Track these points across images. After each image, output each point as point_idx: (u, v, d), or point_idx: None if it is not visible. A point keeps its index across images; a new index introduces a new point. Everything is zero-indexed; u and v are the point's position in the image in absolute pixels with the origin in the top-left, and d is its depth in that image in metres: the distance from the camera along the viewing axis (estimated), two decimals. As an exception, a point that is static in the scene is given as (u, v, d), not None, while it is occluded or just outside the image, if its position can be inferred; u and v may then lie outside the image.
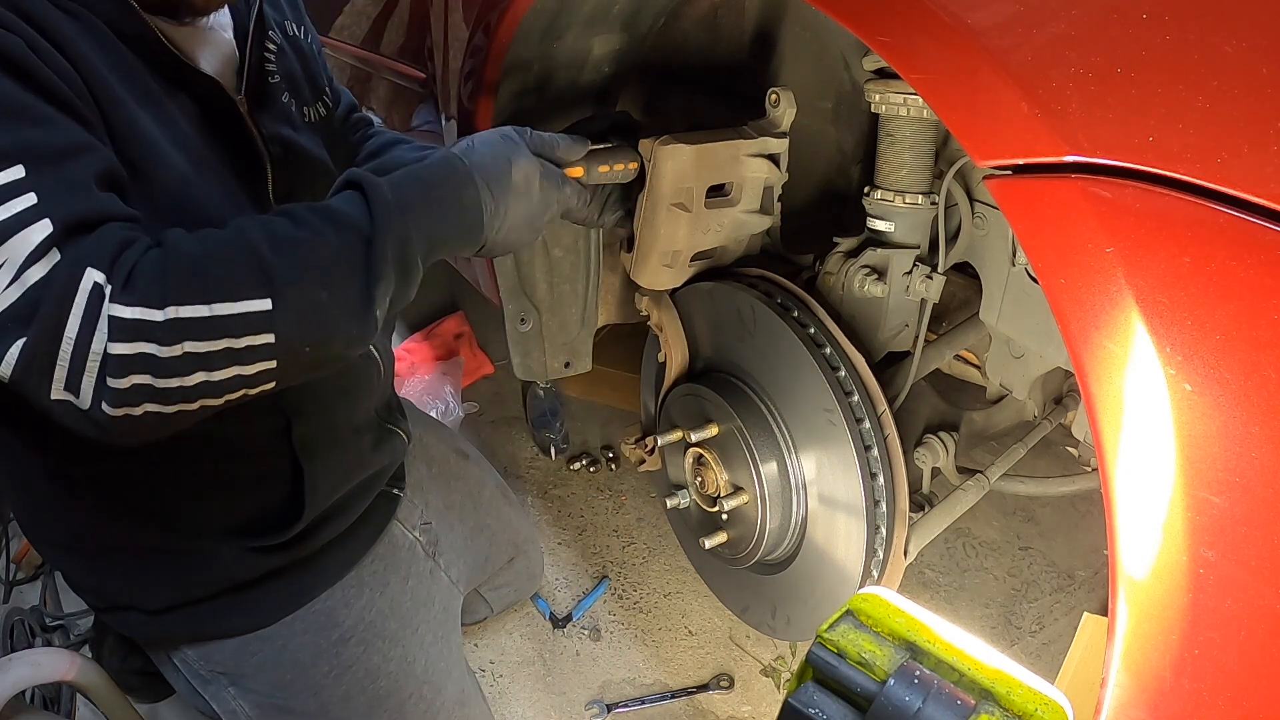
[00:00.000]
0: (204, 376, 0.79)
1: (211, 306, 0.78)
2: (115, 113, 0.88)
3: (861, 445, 1.12)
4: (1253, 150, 0.56)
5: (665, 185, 1.15)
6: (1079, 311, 0.61)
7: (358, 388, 1.21)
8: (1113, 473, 0.60)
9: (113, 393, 0.75)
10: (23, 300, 0.74)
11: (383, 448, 1.29)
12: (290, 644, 1.19)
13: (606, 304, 1.53)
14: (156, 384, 0.77)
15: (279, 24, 1.17)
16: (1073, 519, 2.14)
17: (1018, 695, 0.51)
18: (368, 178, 0.90)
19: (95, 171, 0.81)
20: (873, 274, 1.20)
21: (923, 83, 0.74)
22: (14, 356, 0.74)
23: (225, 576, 1.13)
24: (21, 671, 1.13)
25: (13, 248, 0.74)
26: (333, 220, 0.86)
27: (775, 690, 1.75)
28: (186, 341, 0.77)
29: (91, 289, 0.74)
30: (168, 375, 0.77)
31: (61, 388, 0.75)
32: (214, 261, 0.80)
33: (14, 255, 0.74)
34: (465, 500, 1.56)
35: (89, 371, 0.74)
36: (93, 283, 0.75)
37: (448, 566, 1.44)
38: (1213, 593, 0.55)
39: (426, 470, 1.51)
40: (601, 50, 1.39)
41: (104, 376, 0.75)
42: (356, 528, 1.26)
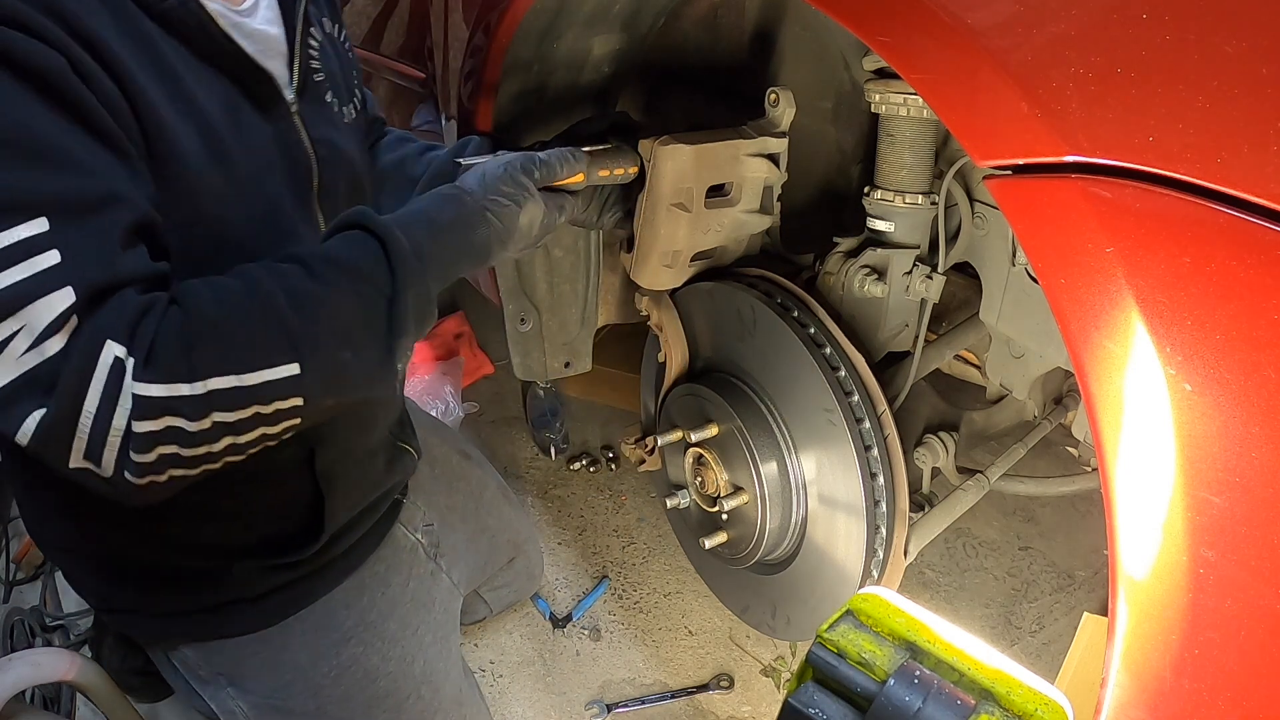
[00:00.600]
0: (231, 440, 0.78)
1: (241, 377, 0.76)
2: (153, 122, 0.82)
3: (861, 445, 1.12)
4: (1253, 150, 0.56)
5: (665, 185, 1.15)
6: (1079, 311, 0.61)
7: (376, 412, 1.21)
8: (1113, 473, 0.60)
9: (137, 465, 0.74)
10: (41, 370, 0.72)
11: (395, 466, 1.29)
12: (290, 645, 1.18)
13: (606, 304, 1.53)
14: (183, 453, 0.76)
15: (319, 20, 1.12)
16: (1073, 519, 2.14)
17: (1018, 695, 0.51)
18: (382, 226, 0.87)
19: (125, 226, 0.77)
20: (873, 274, 1.20)
21: (923, 83, 0.74)
22: (32, 427, 0.72)
23: (236, 591, 1.13)
24: (21, 671, 1.13)
25: (33, 314, 0.71)
26: (351, 275, 0.84)
27: (775, 690, 1.75)
28: (215, 413, 0.76)
29: (112, 364, 0.72)
30: (195, 445, 0.76)
31: (81, 458, 0.74)
32: (238, 326, 0.77)
33: (34, 322, 0.71)
34: (467, 501, 1.56)
35: (110, 446, 0.73)
36: (113, 357, 0.72)
37: (449, 568, 1.44)
38: (1213, 593, 0.55)
39: (429, 471, 1.50)
40: (601, 50, 1.39)
41: (127, 450, 0.74)
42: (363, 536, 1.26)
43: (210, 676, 1.19)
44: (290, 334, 0.79)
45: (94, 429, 0.72)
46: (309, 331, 0.80)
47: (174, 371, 0.74)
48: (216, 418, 0.76)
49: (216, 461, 0.79)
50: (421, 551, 1.39)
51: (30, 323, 0.71)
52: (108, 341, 0.72)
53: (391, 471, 1.28)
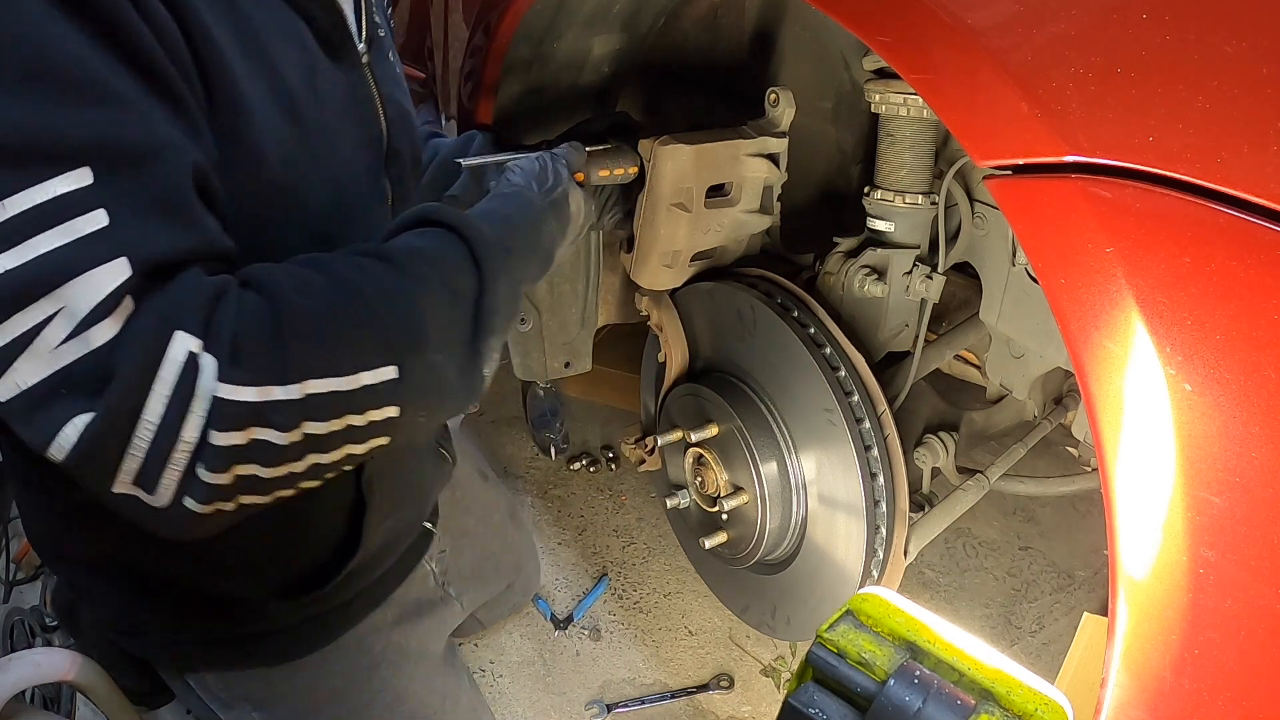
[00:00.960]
0: (315, 459, 0.65)
1: (339, 380, 0.64)
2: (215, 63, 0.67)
3: (861, 445, 1.12)
4: (1253, 150, 0.56)
5: (665, 185, 1.15)
6: (1079, 311, 0.61)
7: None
8: (1113, 473, 0.60)
9: (207, 489, 0.61)
10: (85, 365, 0.57)
11: (435, 472, 1.24)
12: (324, 671, 1.11)
13: (606, 304, 1.53)
14: (263, 474, 0.63)
15: None
16: (1073, 519, 2.14)
17: (1018, 695, 0.51)
18: (462, 220, 0.77)
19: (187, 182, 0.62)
20: (873, 274, 1.20)
21: (923, 83, 0.74)
22: (73, 438, 0.57)
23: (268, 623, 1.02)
24: (21, 671, 1.13)
25: (74, 293, 0.56)
26: (439, 269, 0.73)
27: (775, 690, 1.75)
28: (307, 423, 0.63)
29: (185, 361, 0.58)
30: (278, 464, 0.63)
31: (130, 481, 0.59)
32: (330, 321, 0.65)
33: (75, 303, 0.56)
34: (478, 525, 1.51)
35: (174, 464, 0.59)
36: (185, 352, 0.58)
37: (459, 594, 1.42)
38: (1213, 593, 0.55)
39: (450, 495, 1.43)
40: (601, 50, 1.39)
41: (194, 469, 0.60)
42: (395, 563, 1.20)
43: (233, 701, 1.12)
44: (386, 334, 0.67)
45: (156, 442, 0.58)
46: (403, 332, 0.68)
47: (268, 370, 0.61)
48: (308, 429, 0.63)
49: (293, 486, 0.67)
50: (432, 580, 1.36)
51: (70, 304, 0.56)
52: (177, 332, 0.58)
53: (430, 479, 1.21)
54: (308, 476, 0.67)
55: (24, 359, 0.56)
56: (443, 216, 0.77)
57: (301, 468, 0.65)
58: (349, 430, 0.66)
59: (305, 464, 0.65)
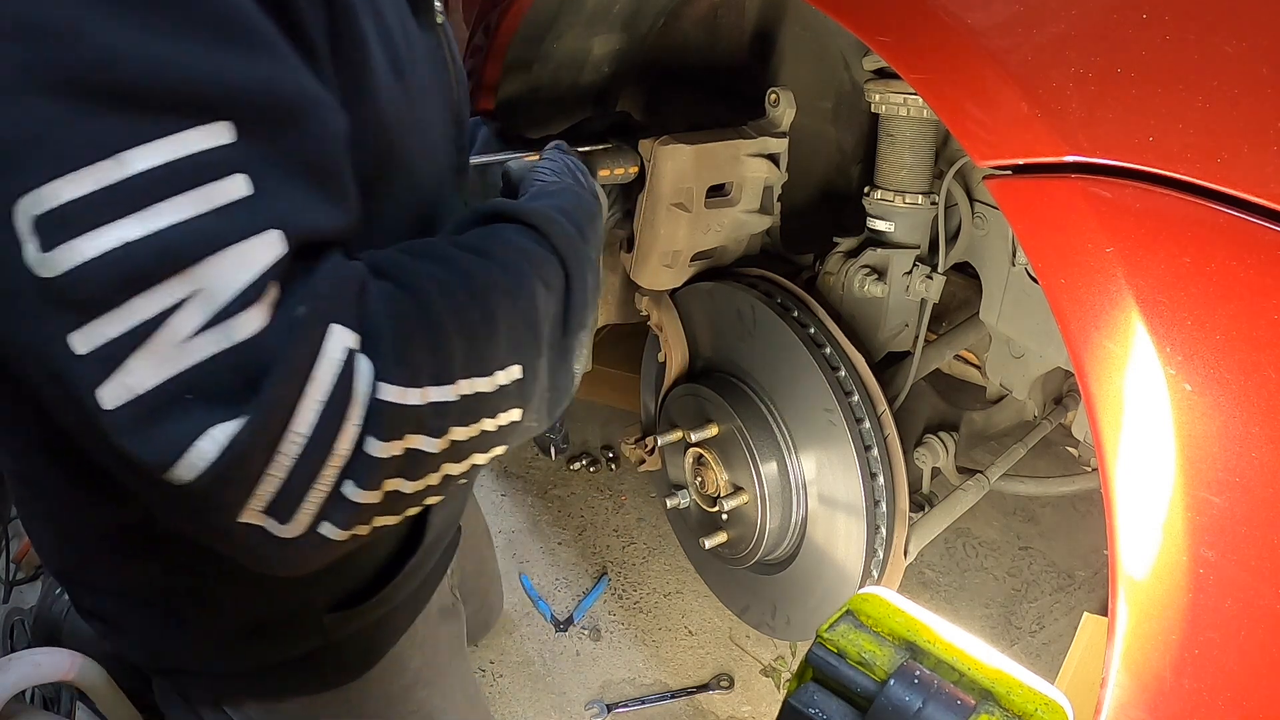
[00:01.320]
0: (448, 469, 0.59)
1: (487, 379, 0.58)
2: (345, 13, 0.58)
3: (861, 445, 1.12)
4: (1253, 150, 0.56)
5: (665, 185, 1.15)
6: (1079, 311, 0.61)
7: None
8: (1113, 473, 0.60)
9: (351, 509, 0.52)
10: (225, 364, 0.46)
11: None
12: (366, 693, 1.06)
13: (606, 304, 1.53)
14: (405, 488, 0.55)
15: None
16: (1073, 519, 2.14)
17: (1018, 695, 0.51)
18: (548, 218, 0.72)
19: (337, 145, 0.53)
20: (873, 274, 1.20)
21: (923, 83, 0.74)
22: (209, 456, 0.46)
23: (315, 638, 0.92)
24: (22, 671, 1.13)
25: (214, 274, 0.45)
26: (535, 266, 0.68)
27: (775, 690, 1.75)
28: (454, 428, 0.57)
29: (344, 360, 0.49)
30: (421, 477, 0.56)
31: (261, 508, 0.49)
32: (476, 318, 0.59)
33: (214, 286, 0.45)
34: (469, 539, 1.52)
35: (320, 482, 0.49)
36: (344, 349, 0.49)
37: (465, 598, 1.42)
38: (1213, 593, 0.55)
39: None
40: (601, 50, 1.39)
41: (341, 487, 0.51)
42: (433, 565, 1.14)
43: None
44: (513, 331, 0.61)
45: (304, 458, 0.48)
46: (525, 329, 0.63)
47: (427, 370, 0.54)
48: (455, 434, 0.57)
49: (421, 503, 0.59)
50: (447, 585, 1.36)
51: (209, 287, 0.45)
52: (333, 325, 0.49)
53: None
54: (437, 491, 0.60)
55: (141, 355, 0.44)
56: (519, 212, 0.71)
57: (437, 479, 0.58)
58: (482, 436, 0.60)
59: (440, 475, 0.58)
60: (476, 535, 1.54)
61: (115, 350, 0.44)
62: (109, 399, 0.45)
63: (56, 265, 0.43)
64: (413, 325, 0.54)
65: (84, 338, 0.44)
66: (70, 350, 0.44)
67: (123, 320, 0.44)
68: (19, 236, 0.42)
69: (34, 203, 0.42)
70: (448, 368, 0.55)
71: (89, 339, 0.44)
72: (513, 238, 0.69)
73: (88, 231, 0.43)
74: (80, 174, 0.43)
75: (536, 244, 0.70)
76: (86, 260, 0.43)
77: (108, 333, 0.44)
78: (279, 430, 0.47)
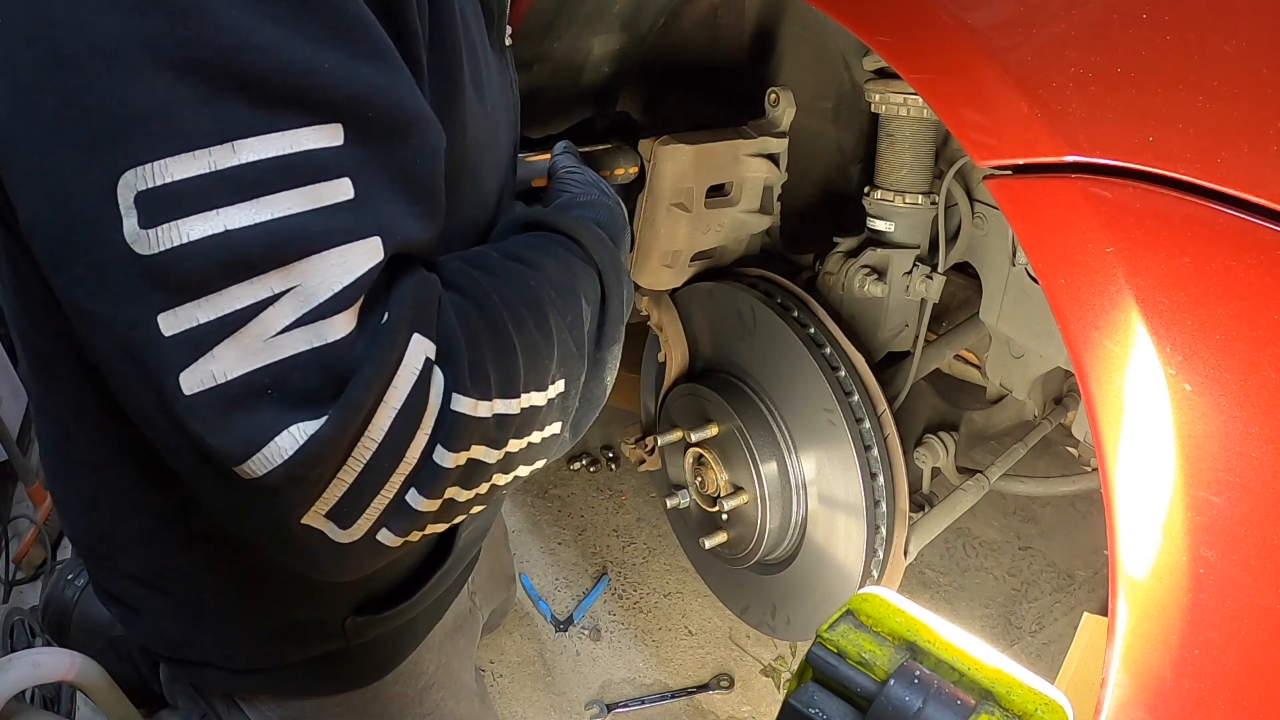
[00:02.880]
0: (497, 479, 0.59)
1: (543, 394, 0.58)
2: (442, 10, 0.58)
3: (861, 445, 1.12)
4: (1253, 150, 0.56)
5: (665, 185, 1.15)
6: (1079, 311, 0.61)
7: None
8: (1113, 473, 0.60)
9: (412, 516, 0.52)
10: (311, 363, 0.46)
11: None
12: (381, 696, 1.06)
13: (606, 304, 1.53)
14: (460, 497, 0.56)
15: None
16: (1073, 519, 2.14)
17: (1018, 695, 0.51)
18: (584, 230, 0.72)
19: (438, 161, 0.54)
20: (873, 274, 1.20)
21: (923, 83, 0.74)
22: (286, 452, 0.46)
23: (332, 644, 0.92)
24: (22, 671, 1.13)
25: (314, 271, 0.45)
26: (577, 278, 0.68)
27: (775, 690, 1.75)
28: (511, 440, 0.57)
29: (422, 369, 0.49)
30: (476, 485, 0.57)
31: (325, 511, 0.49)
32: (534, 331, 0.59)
33: (313, 283, 0.45)
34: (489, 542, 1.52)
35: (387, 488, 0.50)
36: (424, 359, 0.49)
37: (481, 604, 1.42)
38: (1213, 593, 0.55)
39: None
40: (601, 50, 1.39)
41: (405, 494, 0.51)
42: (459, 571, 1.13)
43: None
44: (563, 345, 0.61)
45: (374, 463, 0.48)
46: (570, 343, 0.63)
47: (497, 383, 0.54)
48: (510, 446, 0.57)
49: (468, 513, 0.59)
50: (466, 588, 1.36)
51: (306, 284, 0.45)
52: (416, 335, 0.49)
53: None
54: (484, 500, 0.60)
55: (230, 344, 0.44)
56: (561, 224, 0.71)
57: (485, 489, 0.58)
58: (529, 449, 0.60)
59: (487, 486, 0.58)
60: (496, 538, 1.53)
61: (205, 335, 0.44)
62: (190, 384, 0.45)
63: (157, 243, 0.43)
64: (484, 338, 0.54)
65: (174, 319, 0.44)
66: (157, 330, 0.44)
67: (217, 307, 0.44)
68: (119, 210, 0.42)
69: (140, 178, 0.42)
70: (514, 381, 0.55)
71: (179, 321, 0.44)
72: (558, 250, 0.68)
73: (194, 214, 0.43)
74: (193, 155, 0.43)
75: (578, 257, 0.69)
76: (189, 241, 0.43)
77: (199, 317, 0.44)
78: (356, 434, 0.47)
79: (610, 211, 0.84)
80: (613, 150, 1.15)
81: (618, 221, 0.83)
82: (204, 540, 0.77)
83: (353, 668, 0.97)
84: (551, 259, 0.67)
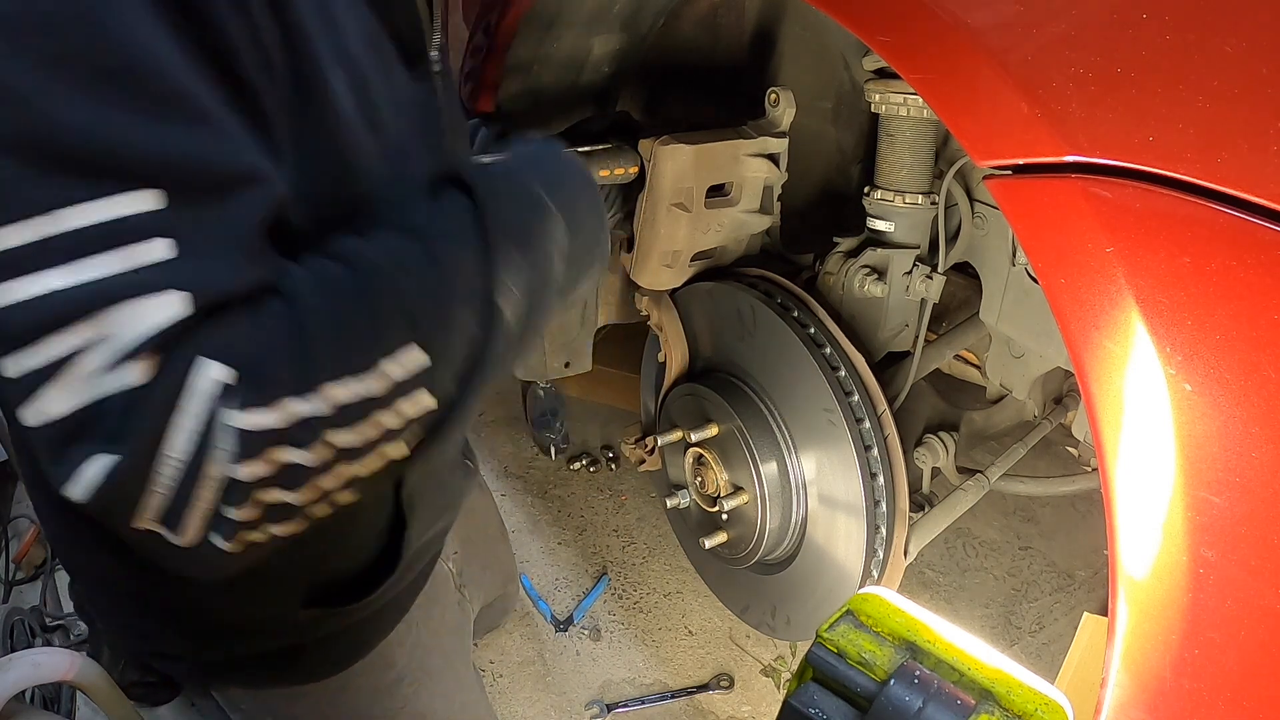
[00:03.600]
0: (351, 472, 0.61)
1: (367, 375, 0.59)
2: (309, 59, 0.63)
3: (861, 445, 1.12)
4: (1253, 150, 0.56)
5: (665, 185, 1.15)
6: (1079, 311, 0.61)
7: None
8: (1113, 473, 0.60)
9: (233, 525, 0.57)
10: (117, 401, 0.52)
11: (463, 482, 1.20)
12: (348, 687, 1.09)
13: (606, 304, 1.53)
14: (292, 499, 0.58)
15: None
16: (1073, 519, 2.14)
17: (1018, 695, 0.51)
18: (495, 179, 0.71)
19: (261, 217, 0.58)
20: (873, 274, 1.20)
21: (923, 83, 0.74)
22: (97, 477, 0.52)
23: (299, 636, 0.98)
24: (22, 671, 1.13)
25: (119, 322, 0.51)
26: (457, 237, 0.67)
27: (775, 690, 1.75)
28: (331, 432, 0.58)
29: (209, 393, 0.54)
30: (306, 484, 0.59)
31: (154, 518, 0.55)
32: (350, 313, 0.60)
33: (119, 333, 0.51)
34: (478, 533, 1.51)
35: (198, 501, 0.55)
36: (213, 382, 0.54)
37: (471, 597, 1.41)
38: (1213, 593, 0.55)
39: None
40: (601, 50, 1.39)
41: (219, 507, 0.56)
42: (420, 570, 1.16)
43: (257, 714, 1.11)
44: (408, 312, 0.62)
45: (181, 480, 0.54)
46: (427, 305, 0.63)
47: (281, 386, 0.56)
48: (336, 440, 0.58)
49: (330, 504, 0.62)
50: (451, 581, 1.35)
51: (115, 334, 0.51)
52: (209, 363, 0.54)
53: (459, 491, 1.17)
54: (345, 490, 0.62)
55: (52, 386, 0.51)
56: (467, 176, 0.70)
57: (334, 483, 0.60)
58: (384, 434, 0.61)
59: (338, 479, 0.61)
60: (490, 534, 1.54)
61: (34, 379, 0.52)
62: (29, 419, 0.53)
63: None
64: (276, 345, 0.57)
65: (12, 363, 0.51)
66: (3, 372, 0.52)
67: (41, 355, 0.51)
68: None
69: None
70: (309, 376, 0.57)
71: (16, 366, 0.51)
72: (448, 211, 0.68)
73: (20, 276, 0.50)
74: (20, 226, 0.50)
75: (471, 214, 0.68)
76: (15, 302, 0.50)
77: (27, 364, 0.51)
78: (150, 461, 0.53)
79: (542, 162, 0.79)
80: (612, 150, 1.15)
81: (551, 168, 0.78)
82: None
83: (316, 659, 1.01)
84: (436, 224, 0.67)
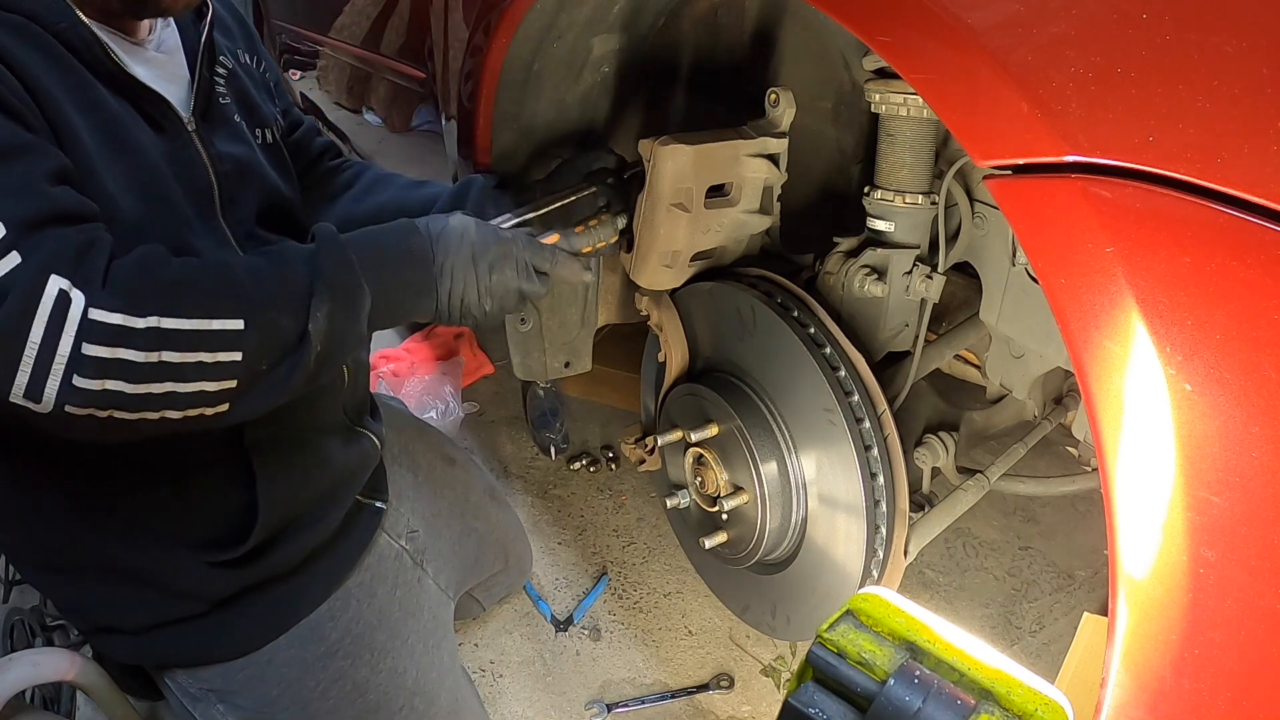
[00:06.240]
0: (172, 386, 0.82)
1: (190, 321, 0.82)
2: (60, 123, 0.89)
3: (861, 445, 1.12)
4: (1253, 150, 0.56)
5: (665, 185, 1.15)
6: (1079, 311, 0.61)
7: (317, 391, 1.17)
8: (1113, 473, 0.60)
9: (80, 393, 0.77)
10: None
11: (350, 450, 1.28)
12: (276, 659, 1.18)
13: (606, 304, 1.53)
14: (127, 390, 0.79)
15: (231, 51, 1.22)
16: (1073, 519, 2.14)
17: (1018, 695, 0.51)
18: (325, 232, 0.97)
19: (46, 170, 0.82)
20: (873, 274, 1.20)
21: (923, 83, 0.74)
22: None
23: (196, 593, 1.13)
24: (21, 671, 1.13)
25: None
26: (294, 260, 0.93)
27: (775, 690, 1.75)
28: (163, 350, 0.80)
29: (57, 296, 0.76)
30: (139, 382, 0.80)
31: (21, 394, 0.76)
32: (193, 282, 0.85)
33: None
34: (452, 507, 1.55)
35: (54, 374, 0.76)
36: (58, 290, 0.76)
37: (436, 574, 1.43)
38: (1213, 593, 0.55)
39: (412, 478, 1.51)
40: (601, 50, 1.38)
41: (70, 378, 0.76)
42: (337, 542, 1.25)
43: (200, 694, 1.19)
44: (239, 296, 0.86)
45: (38, 358, 0.75)
46: (254, 295, 0.87)
47: (130, 302, 0.79)
48: (164, 356, 0.80)
49: (156, 411, 0.82)
50: (407, 559, 1.38)
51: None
52: (52, 275, 0.76)
53: (346, 455, 1.27)
54: (168, 404, 0.82)
55: None
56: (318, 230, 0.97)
57: (160, 390, 0.81)
58: (200, 366, 0.82)
59: (163, 388, 0.81)
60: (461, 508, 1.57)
61: None
62: None
63: None
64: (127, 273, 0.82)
65: None
66: None
67: None
68: None
69: None
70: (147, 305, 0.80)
71: None
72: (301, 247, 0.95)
73: None
74: None
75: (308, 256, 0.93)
76: None
77: None
78: (16, 342, 0.75)
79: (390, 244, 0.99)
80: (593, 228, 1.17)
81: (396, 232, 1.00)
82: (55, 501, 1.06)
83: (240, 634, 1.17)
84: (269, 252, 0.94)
